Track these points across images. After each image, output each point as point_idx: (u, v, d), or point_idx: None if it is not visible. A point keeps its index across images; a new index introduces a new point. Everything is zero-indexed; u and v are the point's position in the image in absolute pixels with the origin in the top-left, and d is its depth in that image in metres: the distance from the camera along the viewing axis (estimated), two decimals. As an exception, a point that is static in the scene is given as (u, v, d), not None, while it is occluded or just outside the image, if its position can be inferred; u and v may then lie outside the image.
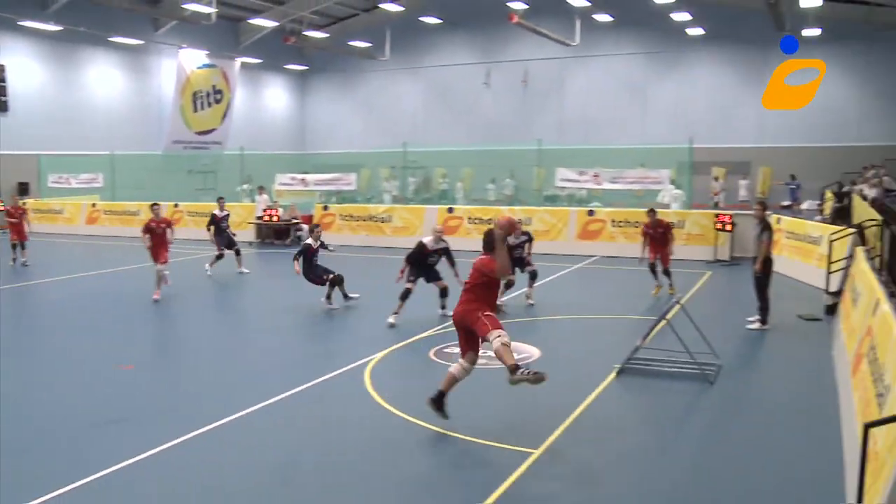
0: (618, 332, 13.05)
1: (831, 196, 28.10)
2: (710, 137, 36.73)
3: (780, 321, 13.53)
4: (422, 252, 13.67)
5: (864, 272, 11.29)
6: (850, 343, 10.00)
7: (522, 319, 14.02)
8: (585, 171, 26.20)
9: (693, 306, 13.03)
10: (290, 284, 19.00)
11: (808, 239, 18.17)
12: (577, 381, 10.08)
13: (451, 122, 45.40)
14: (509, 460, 7.34)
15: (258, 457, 7.59)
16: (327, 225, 26.97)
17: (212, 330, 13.82)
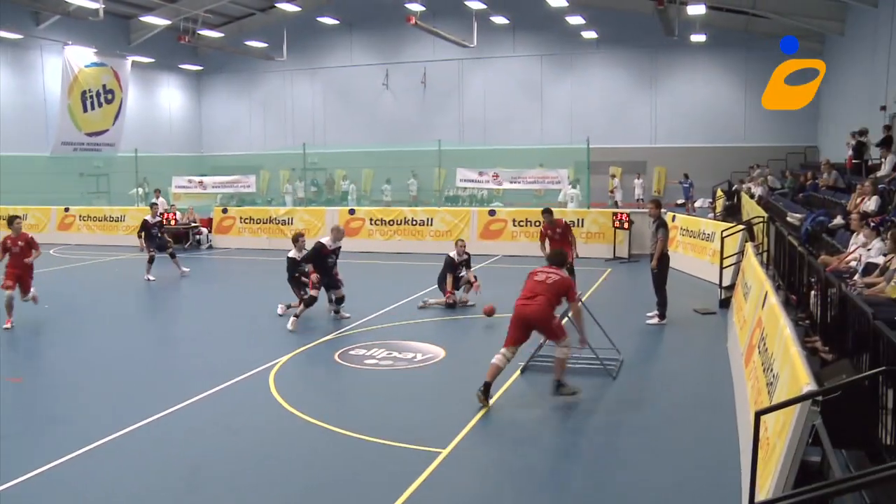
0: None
1: (722, 194, 29.18)
2: (606, 138, 37.59)
3: (677, 315, 13.94)
4: (320, 253, 13.44)
5: (753, 267, 11.74)
6: (742, 335, 10.39)
7: (424, 320, 14.06)
8: (485, 171, 26.44)
9: (594, 303, 13.32)
10: (188, 290, 18.59)
11: (702, 236, 18.80)
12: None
13: (351, 122, 45.14)
14: (417, 460, 7.34)
15: (162, 465, 7.39)
16: (226, 228, 26.46)
17: (109, 339, 13.35)
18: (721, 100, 39.07)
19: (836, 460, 4.97)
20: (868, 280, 9.44)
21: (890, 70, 21.93)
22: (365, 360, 11.16)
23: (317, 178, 41.17)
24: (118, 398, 9.54)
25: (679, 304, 14.93)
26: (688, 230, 19.84)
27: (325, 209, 26.72)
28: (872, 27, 24.68)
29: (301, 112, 46.57)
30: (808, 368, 5.51)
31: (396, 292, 15.44)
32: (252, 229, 26.20)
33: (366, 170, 42.39)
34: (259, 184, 35.68)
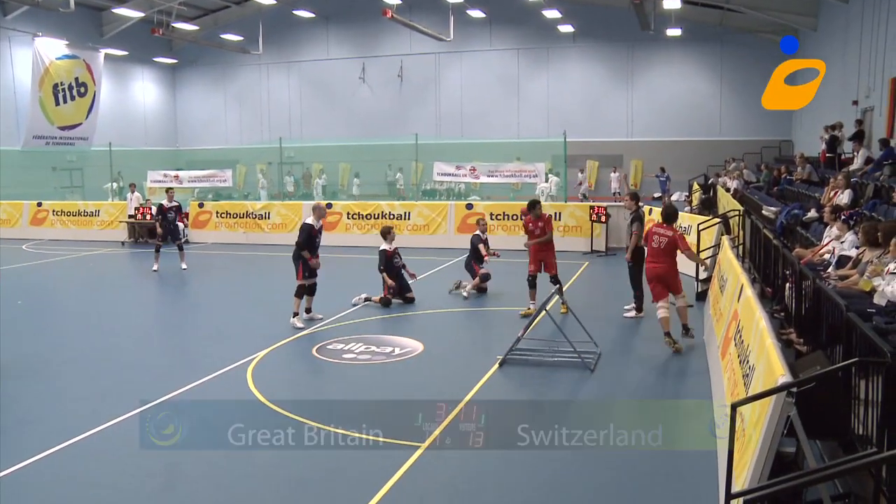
0: (499, 324, 13.25)
1: (698, 188, 29.38)
2: (583, 131, 37.76)
3: (654, 308, 14.00)
4: (310, 234, 13.35)
5: (729, 259, 11.85)
6: (718, 327, 10.48)
7: (403, 314, 14.07)
8: (462, 165, 26.45)
9: (572, 296, 13.40)
10: (165, 285, 18.48)
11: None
12: (461, 373, 10.19)
13: (328, 116, 45.00)
14: (397, 454, 7.34)
15: (140, 461, 7.36)
16: (203, 223, 26.32)
17: (85, 335, 13.25)
18: (697, 94, 39.35)
19: (811, 450, 5.06)
20: (841, 272, 9.56)
21: (861, 65, 22.18)
22: (343, 354, 11.16)
23: (293, 173, 41.03)
24: (94, 394, 9.48)
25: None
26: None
27: (302, 203, 26.65)
28: (844, 22, 24.95)
29: (277, 106, 46.36)
30: (783, 360, 5.58)
31: (375, 286, 15.41)
32: (229, 224, 26.09)
33: (342, 164, 42.30)
34: (235, 178, 35.50)
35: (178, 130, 49.26)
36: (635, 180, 39.67)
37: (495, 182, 27.20)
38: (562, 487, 6.89)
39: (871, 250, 9.17)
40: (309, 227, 13.26)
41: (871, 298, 8.16)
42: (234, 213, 26.22)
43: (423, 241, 23.00)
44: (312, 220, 13.32)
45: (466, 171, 26.21)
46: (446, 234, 23.56)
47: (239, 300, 15.56)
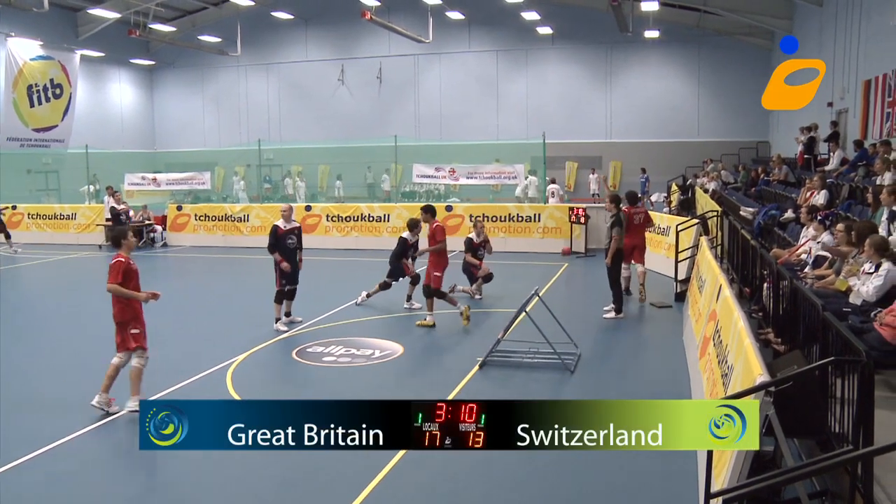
0: (479, 326, 13.29)
1: (676, 189, 29.53)
2: (562, 133, 37.88)
3: (633, 309, 14.15)
4: (276, 235, 13.31)
5: (707, 260, 11.94)
6: (697, 328, 10.57)
7: (383, 316, 14.07)
8: (442, 166, 26.48)
9: (551, 297, 13.43)
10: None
11: (657, 230, 19.03)
12: (441, 376, 10.21)
13: (307, 118, 44.86)
14: (374, 461, 7.34)
15: (119, 464, 7.33)
16: (181, 226, 26.17)
17: (61, 338, 13.14)
18: (674, 95, 39.56)
19: (789, 449, 5.12)
20: (818, 272, 9.67)
21: (836, 67, 22.40)
22: (323, 357, 11.16)
23: (271, 175, 40.88)
24: (71, 398, 9.39)
25: (635, 297, 15.14)
26: (643, 224, 20.06)
27: (284, 204, 26.56)
28: (818, 25, 25.19)
29: (256, 108, 46.17)
30: (761, 360, 5.65)
31: (354, 289, 15.42)
32: (207, 227, 25.95)
33: (322, 165, 42.19)
34: (214, 181, 35.32)
35: (155, 133, 48.94)
36: (614, 181, 39.84)
37: (475, 184, 27.28)
38: (540, 487, 6.92)
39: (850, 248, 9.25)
40: (274, 229, 13.31)
41: (847, 298, 8.26)
42: (213, 215, 26.09)
43: (402, 243, 22.96)
44: (281, 221, 13.38)
45: (446, 173, 26.25)
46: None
47: (218, 304, 15.50)
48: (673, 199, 28.93)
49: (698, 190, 25.99)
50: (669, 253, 16.98)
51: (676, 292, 15.16)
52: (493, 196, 34.83)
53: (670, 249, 16.88)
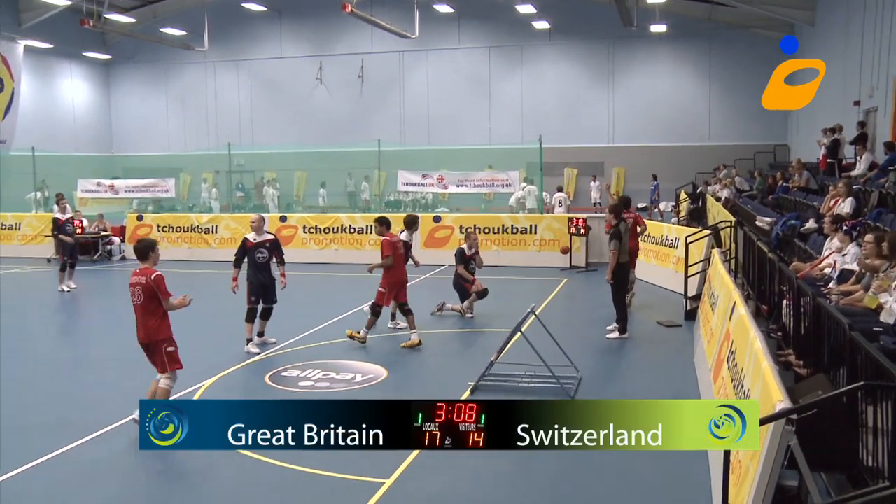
0: (471, 347, 13.26)
1: (686, 197, 29.60)
2: (560, 137, 37.94)
3: (639, 329, 14.09)
4: (244, 248, 13.25)
5: (720, 275, 11.91)
6: (710, 349, 10.52)
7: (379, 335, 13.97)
8: (429, 173, 26.41)
9: (549, 316, 13.38)
10: (97, 307, 18.23)
11: (665, 242, 19.04)
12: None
13: (281, 120, 44.84)
14: (358, 492, 7.28)
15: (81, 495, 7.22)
16: (142, 238, 25.97)
17: (9, 359, 12.99)
18: (683, 95, 39.72)
19: (815, 484, 5.05)
20: (844, 288, 9.62)
21: (864, 62, 22.37)
22: (299, 382, 11.06)
23: (242, 182, 40.76)
24: (11, 433, 9.25)
25: (641, 316, 15.11)
26: (650, 236, 20.04)
27: (254, 215, 26.46)
28: (844, 16, 25.12)
29: (225, 108, 46.11)
30: (781, 384, 5.58)
31: (333, 307, 15.34)
32: (171, 238, 25.83)
33: (298, 172, 42.11)
34: (179, 188, 35.16)
35: (113, 134, 48.78)
36: (617, 189, 39.89)
37: (465, 192, 27.18)
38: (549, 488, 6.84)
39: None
40: (243, 243, 13.33)
41: (878, 316, 8.21)
42: (178, 226, 25.98)
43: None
44: (252, 234, 13.33)
45: (434, 181, 26.18)
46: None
47: (182, 324, 15.22)
48: (682, 208, 29.01)
49: (710, 198, 26.04)
50: (678, 267, 16.96)
51: (686, 310, 15.14)
52: (485, 205, 34.79)
53: (679, 263, 16.86)
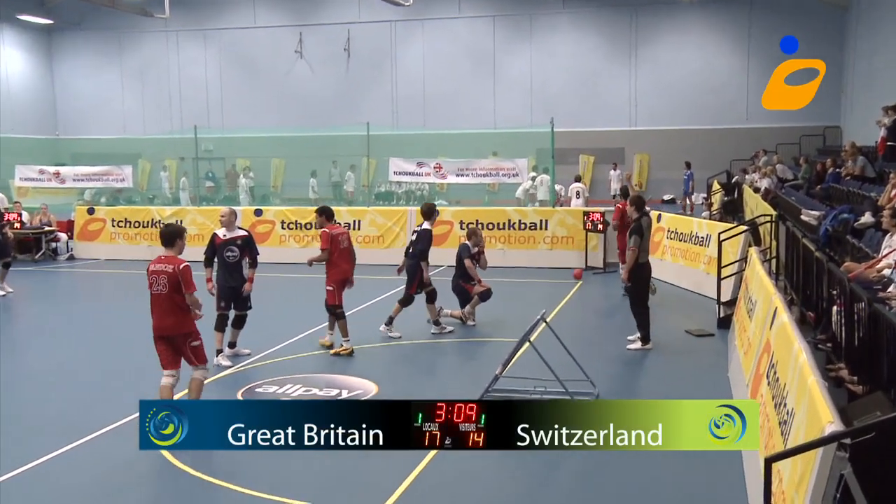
0: (473, 359, 13.25)
1: (719, 188, 29.52)
2: (575, 119, 37.92)
3: (665, 339, 14.01)
4: (213, 244, 13.17)
5: (759, 277, 11.85)
6: (746, 362, 10.46)
7: (364, 346, 13.89)
8: (425, 161, 26.34)
9: (562, 324, 13.30)
10: (40, 314, 18.15)
11: (695, 239, 18.96)
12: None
13: (255, 100, 44.73)
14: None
15: None
16: (93, 234, 25.94)
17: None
18: (718, 71, 39.59)
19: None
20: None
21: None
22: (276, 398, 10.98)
23: (212, 171, 40.69)
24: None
25: (668, 324, 15.04)
26: (677, 232, 20.00)
27: (224, 208, 26.40)
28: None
29: (191, 85, 46.00)
30: (831, 404, 5.52)
31: (316, 314, 15.23)
32: (128, 234, 25.77)
33: (275, 159, 42.03)
34: (137, 177, 35.08)
35: (58, 114, 48.56)
36: (640, 179, 39.84)
37: (466, 183, 27.11)
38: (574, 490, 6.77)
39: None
40: (212, 239, 13.31)
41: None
42: (136, 220, 25.91)
43: (375, 256, 22.80)
44: (222, 230, 13.26)
45: (430, 170, 26.10)
46: (404, 246, 23.43)
47: (141, 333, 15.20)
48: (714, 200, 28.95)
49: (747, 189, 26.01)
50: (710, 268, 16.90)
51: (719, 317, 15.10)
52: (489, 198, 34.74)
53: (711, 264, 16.80)
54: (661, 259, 19.64)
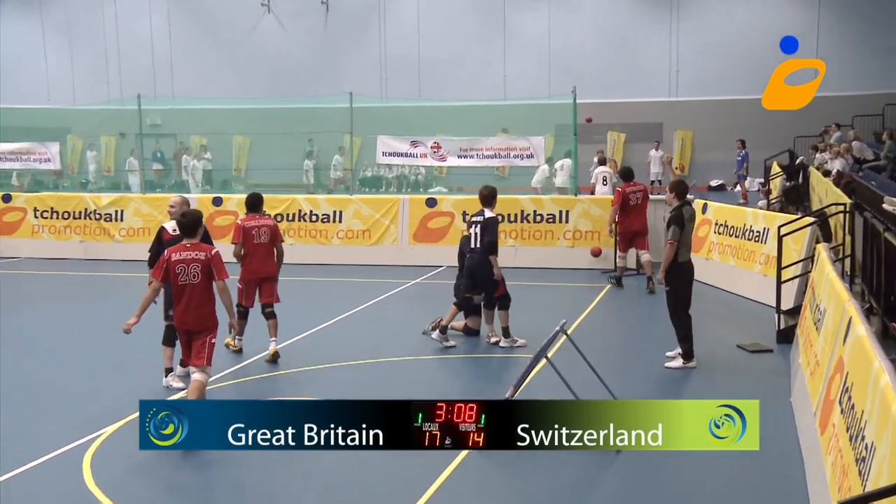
0: (480, 378, 13.32)
1: (779, 170, 29.44)
2: (602, 89, 37.93)
3: (712, 355, 13.99)
4: (160, 240, 13.08)
5: (829, 280, 11.79)
6: (813, 385, 10.42)
7: (333, 365, 13.87)
8: (421, 139, 26.27)
9: (586, 337, 13.29)
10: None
11: (749, 234, 18.91)
12: (418, 455, 9.99)
13: (213, 64, 44.73)
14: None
15: None
16: (11, 226, 25.85)
17: None
18: (779, 26, 39.26)
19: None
20: None
21: None
22: (235, 429, 10.96)
23: (161, 150, 40.65)
24: None
25: (715, 337, 15.04)
26: (727, 226, 19.95)
27: (175, 196, 26.35)
28: None
29: (132, 45, 45.90)
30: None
31: (287, 325, 15.23)
32: (55, 227, 25.77)
33: (238, 137, 41.97)
34: (66, 157, 35.00)
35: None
36: (681, 162, 39.77)
37: (470, 166, 27.04)
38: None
39: None
40: (159, 233, 13.24)
41: None
42: (65, 210, 25.88)
43: (360, 254, 22.85)
44: (172, 222, 13.15)
45: (427, 150, 26.02)
46: (396, 244, 23.41)
47: (72, 348, 15.23)
48: (773, 186, 28.88)
49: (814, 172, 25.94)
50: (768, 269, 16.90)
51: (779, 329, 15.08)
52: (499, 183, 34.72)
53: (769, 264, 16.79)
54: (706, 258, 19.63)
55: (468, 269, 14.90)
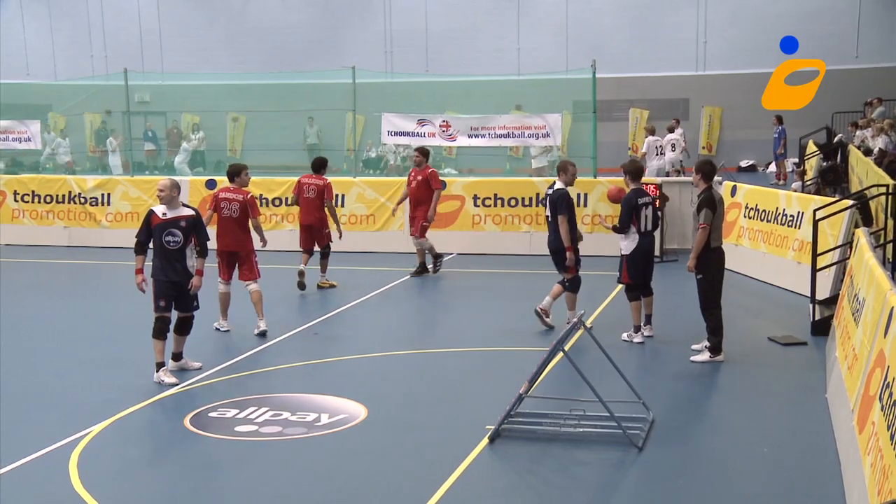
0: (488, 374, 13.21)
1: (815, 149, 29.41)
2: (624, 62, 37.94)
3: (742, 348, 14.00)
4: (149, 225, 13.10)
5: (868, 268, 11.80)
6: (851, 380, 10.43)
7: (334, 359, 13.93)
8: (428, 118, 26.26)
9: (606, 330, 13.32)
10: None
11: (782, 218, 18.88)
12: (427, 455, 10.07)
13: (206, 38, 44.76)
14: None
15: None
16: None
17: None
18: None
19: None
20: None
21: None
22: (236, 426, 11.04)
23: (152, 129, 40.67)
24: None
25: (745, 329, 15.04)
26: (758, 209, 19.92)
27: (164, 179, 26.37)
28: None
29: (118, 15, 45.99)
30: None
31: (286, 315, 15.30)
32: (37, 212, 25.82)
33: (233, 114, 42.00)
34: (47, 136, 34.99)
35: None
36: (708, 140, 39.69)
37: (482, 146, 27.03)
38: None
39: None
40: (147, 218, 13.17)
41: None
42: (48, 194, 25.90)
43: (364, 240, 22.88)
44: (162, 206, 13.17)
45: (435, 129, 26.02)
46: (403, 229, 23.42)
47: (57, 342, 15.27)
48: (809, 166, 28.84)
49: (854, 151, 25.91)
50: (802, 256, 16.89)
51: (814, 320, 15.07)
52: (511, 165, 34.74)
53: (804, 250, 16.77)
54: (735, 244, 19.60)
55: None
